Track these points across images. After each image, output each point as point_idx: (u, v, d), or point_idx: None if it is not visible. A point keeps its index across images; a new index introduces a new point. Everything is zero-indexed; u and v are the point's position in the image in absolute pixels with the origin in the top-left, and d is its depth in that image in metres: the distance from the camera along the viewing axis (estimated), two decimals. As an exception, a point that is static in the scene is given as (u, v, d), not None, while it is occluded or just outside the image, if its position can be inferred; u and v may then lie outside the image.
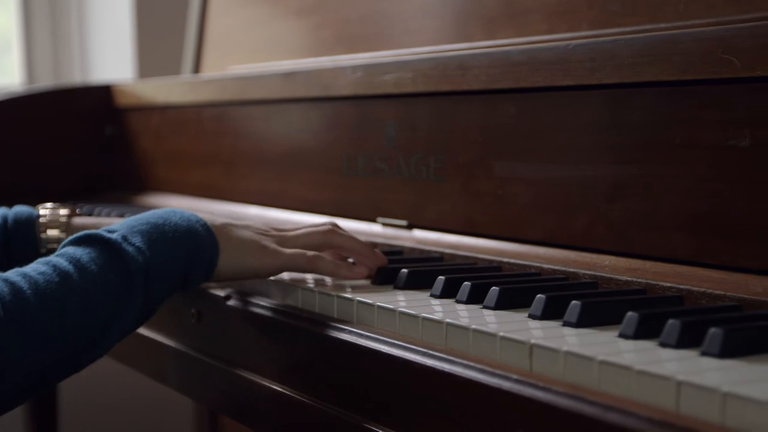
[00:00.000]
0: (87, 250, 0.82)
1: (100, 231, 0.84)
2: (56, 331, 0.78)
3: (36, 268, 0.80)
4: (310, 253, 0.92)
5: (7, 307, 0.75)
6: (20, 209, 1.08)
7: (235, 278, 0.92)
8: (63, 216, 1.07)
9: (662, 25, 0.91)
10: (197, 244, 0.87)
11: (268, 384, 0.90)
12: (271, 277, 0.95)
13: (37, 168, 1.76)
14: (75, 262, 0.81)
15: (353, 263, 0.94)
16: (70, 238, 0.84)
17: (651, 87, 0.83)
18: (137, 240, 0.84)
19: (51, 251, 1.05)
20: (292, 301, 0.92)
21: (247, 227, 0.92)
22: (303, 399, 0.85)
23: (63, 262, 0.81)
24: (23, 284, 0.77)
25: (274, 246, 0.91)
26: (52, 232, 1.06)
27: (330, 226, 0.96)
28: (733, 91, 0.77)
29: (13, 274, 0.79)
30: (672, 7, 0.92)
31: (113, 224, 0.89)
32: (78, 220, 1.08)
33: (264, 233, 0.93)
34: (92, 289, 0.80)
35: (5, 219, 1.05)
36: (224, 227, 0.90)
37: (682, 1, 0.91)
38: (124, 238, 0.84)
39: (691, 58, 0.79)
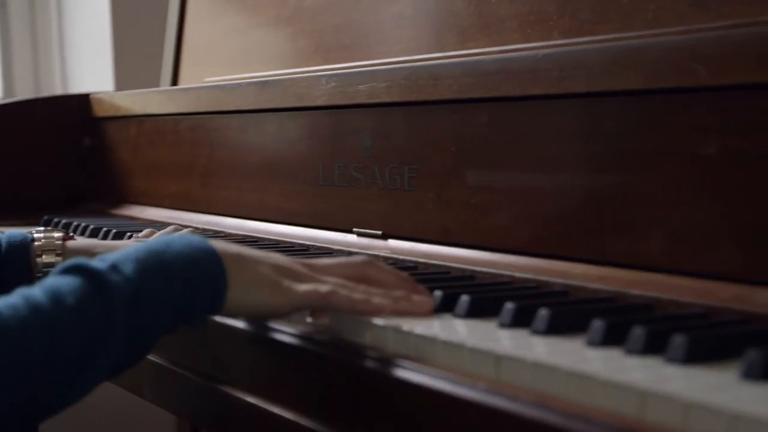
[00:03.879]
0: (68, 280, 0.74)
1: (86, 260, 0.76)
2: (20, 367, 0.69)
3: (7, 299, 0.72)
4: (324, 288, 0.81)
5: None
6: (13, 234, 1.06)
7: (247, 315, 0.84)
8: (57, 239, 1.06)
9: (632, 33, 0.91)
10: (199, 273, 0.78)
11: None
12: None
13: (14, 179, 1.76)
14: (51, 293, 0.72)
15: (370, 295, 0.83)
16: (57, 267, 0.77)
17: (620, 95, 0.83)
18: (128, 268, 0.75)
19: (46, 275, 1.02)
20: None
21: (267, 259, 0.82)
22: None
23: (37, 293, 0.72)
24: None
25: (288, 283, 0.81)
26: (48, 257, 1.05)
27: (366, 258, 0.87)
28: (700, 99, 0.77)
29: None
30: (641, 15, 0.92)
31: (114, 251, 0.85)
32: (72, 244, 1.07)
33: (286, 268, 0.82)
34: (65, 323, 0.71)
35: None
36: (238, 257, 0.80)
37: (651, 9, 0.91)
38: (113, 266, 0.75)
39: (659, 66, 0.79)
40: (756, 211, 0.73)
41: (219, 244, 0.81)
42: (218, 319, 0.91)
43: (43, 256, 1.05)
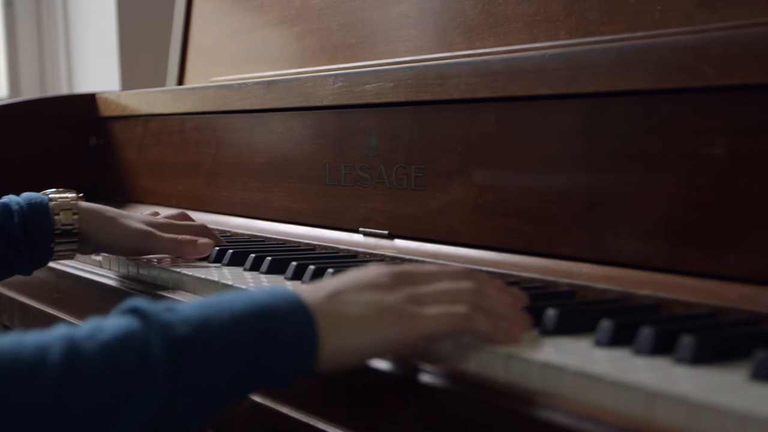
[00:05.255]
0: (117, 319, 0.63)
1: (144, 303, 0.64)
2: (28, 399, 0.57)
3: (42, 332, 0.61)
4: (459, 309, 0.68)
5: None
6: (31, 195, 1.14)
7: (357, 363, 0.69)
8: (72, 199, 1.13)
9: (639, 34, 0.91)
10: (277, 324, 0.64)
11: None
12: None
13: (21, 179, 1.75)
14: (90, 329, 0.61)
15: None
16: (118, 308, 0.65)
17: (627, 96, 0.83)
18: (187, 310, 0.63)
19: (64, 232, 1.11)
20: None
21: (362, 286, 0.68)
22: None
23: (72, 330, 0.61)
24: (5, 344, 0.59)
25: (410, 307, 0.67)
26: (66, 214, 1.12)
27: (473, 284, 0.71)
28: (707, 99, 0.77)
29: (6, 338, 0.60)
30: (648, 15, 0.92)
31: (124, 218, 0.92)
32: (84, 205, 1.14)
33: (389, 287, 0.68)
34: (92, 361, 0.59)
35: (19, 204, 1.11)
36: (330, 299, 0.67)
37: (658, 9, 0.91)
38: (170, 308, 0.63)
39: (666, 66, 0.79)
40: (764, 211, 0.73)
41: (304, 290, 0.68)
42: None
43: (61, 214, 1.12)
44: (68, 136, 1.78)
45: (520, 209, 0.93)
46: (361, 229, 1.14)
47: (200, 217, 1.43)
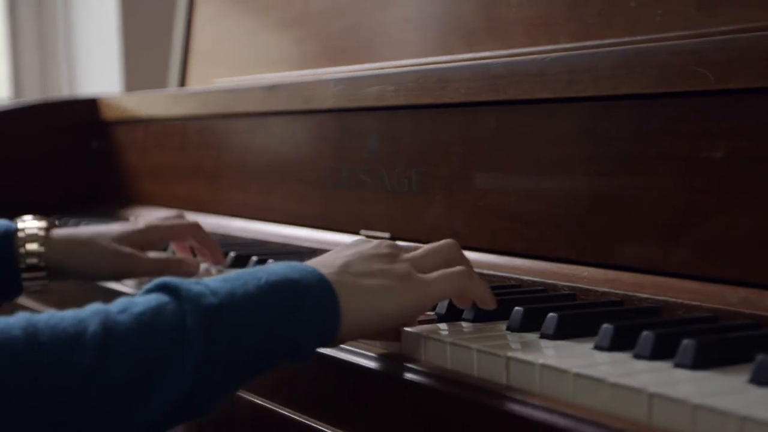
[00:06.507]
0: (149, 296, 0.64)
1: (173, 279, 0.65)
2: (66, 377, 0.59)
3: (75, 310, 0.63)
4: (458, 269, 0.73)
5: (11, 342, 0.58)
6: None
7: (371, 334, 0.73)
8: (41, 229, 1.05)
9: (639, 38, 0.92)
10: (303, 295, 0.66)
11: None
12: None
13: (23, 182, 1.76)
14: (123, 304, 0.63)
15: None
16: (147, 286, 0.67)
17: (628, 99, 0.83)
18: (215, 284, 0.65)
19: (30, 266, 1.04)
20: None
21: (366, 258, 0.71)
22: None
23: (107, 306, 0.63)
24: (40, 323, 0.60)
25: (416, 274, 0.71)
26: (31, 246, 1.04)
27: (463, 269, 0.75)
28: (707, 103, 0.77)
29: (43, 316, 0.61)
30: (648, 19, 0.92)
31: (97, 236, 0.86)
32: (57, 233, 1.07)
33: (391, 258, 0.72)
34: (128, 332, 0.61)
35: None
36: (343, 273, 0.69)
37: (658, 13, 0.91)
38: (200, 282, 0.65)
39: (666, 70, 0.79)
40: (764, 215, 0.74)
41: (317, 263, 0.70)
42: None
43: (27, 246, 1.04)
44: (70, 139, 1.78)
45: (521, 212, 0.94)
46: (362, 231, 1.14)
47: (201, 220, 1.43)
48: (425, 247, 0.77)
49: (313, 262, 0.71)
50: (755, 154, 0.74)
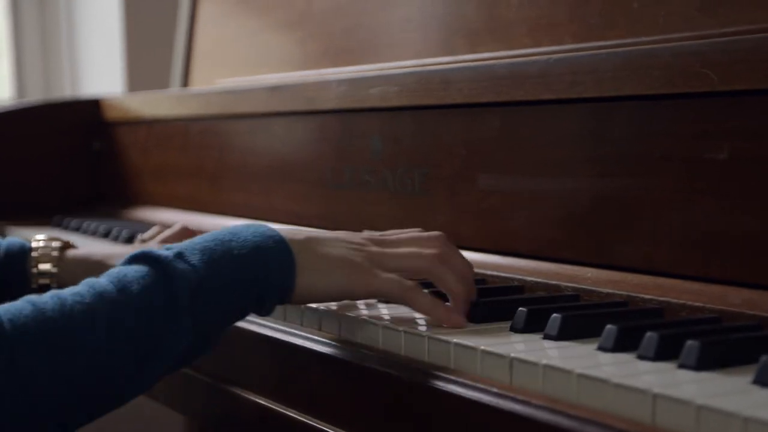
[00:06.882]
0: (135, 268, 0.74)
1: (153, 249, 0.76)
2: (85, 354, 0.69)
3: (72, 288, 0.73)
4: (408, 282, 0.80)
5: (23, 322, 0.68)
6: (12, 241, 1.06)
7: (319, 300, 0.84)
8: (55, 249, 1.05)
9: (642, 39, 0.92)
10: (267, 261, 0.76)
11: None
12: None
13: (25, 183, 1.76)
14: (117, 280, 0.73)
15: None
16: (126, 256, 0.77)
17: (631, 100, 0.84)
18: (194, 257, 0.75)
19: (42, 287, 1.03)
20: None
21: (337, 240, 0.81)
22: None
23: (103, 281, 0.73)
24: (48, 303, 0.70)
25: (368, 265, 0.80)
26: (44, 266, 1.04)
27: (438, 251, 0.82)
28: (710, 104, 0.77)
29: (46, 296, 0.71)
30: (651, 20, 0.92)
31: (115, 258, 0.88)
32: (71, 253, 1.06)
33: (359, 246, 0.82)
34: (130, 309, 0.71)
35: None
36: (307, 242, 0.79)
37: (661, 14, 0.91)
38: (179, 255, 0.75)
39: (669, 72, 0.79)
40: (767, 216, 0.74)
41: (288, 231, 0.80)
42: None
43: (39, 266, 1.04)
44: (72, 140, 1.79)
45: (524, 213, 0.94)
46: (365, 232, 1.14)
47: (203, 220, 1.44)
48: (405, 238, 0.85)
49: (285, 229, 0.81)
50: (759, 155, 0.74)
